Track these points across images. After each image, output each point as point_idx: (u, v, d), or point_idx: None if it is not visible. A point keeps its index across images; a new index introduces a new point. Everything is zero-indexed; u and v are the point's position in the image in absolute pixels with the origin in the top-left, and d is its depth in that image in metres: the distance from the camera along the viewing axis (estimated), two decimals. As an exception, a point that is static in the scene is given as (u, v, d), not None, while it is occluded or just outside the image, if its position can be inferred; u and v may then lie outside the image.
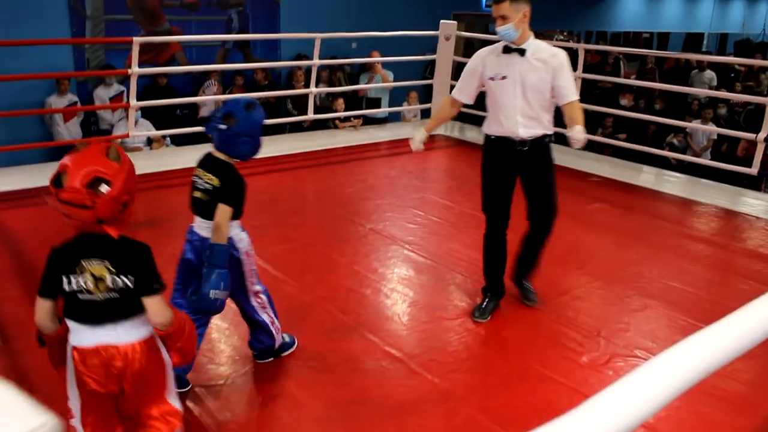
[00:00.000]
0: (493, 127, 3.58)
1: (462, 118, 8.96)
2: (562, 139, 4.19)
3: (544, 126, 3.54)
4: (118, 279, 2.01)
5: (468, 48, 12.44)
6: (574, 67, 8.07)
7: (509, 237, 3.80)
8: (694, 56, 12.03)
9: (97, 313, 2.01)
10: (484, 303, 3.81)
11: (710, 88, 11.64)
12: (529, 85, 3.44)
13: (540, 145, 3.54)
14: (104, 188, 1.94)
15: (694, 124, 8.86)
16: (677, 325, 3.76)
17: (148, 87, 8.86)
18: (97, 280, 2.00)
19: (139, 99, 6.80)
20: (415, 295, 4.04)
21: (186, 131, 7.55)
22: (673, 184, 6.76)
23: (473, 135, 7.93)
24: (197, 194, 2.86)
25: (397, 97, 9.55)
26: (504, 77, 3.47)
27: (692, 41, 19.09)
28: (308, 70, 8.27)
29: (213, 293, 2.68)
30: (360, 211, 5.47)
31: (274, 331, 3.14)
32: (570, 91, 3.47)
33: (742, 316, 1.91)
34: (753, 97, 8.27)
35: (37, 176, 5.93)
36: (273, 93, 8.96)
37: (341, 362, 3.28)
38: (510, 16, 3.40)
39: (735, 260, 4.88)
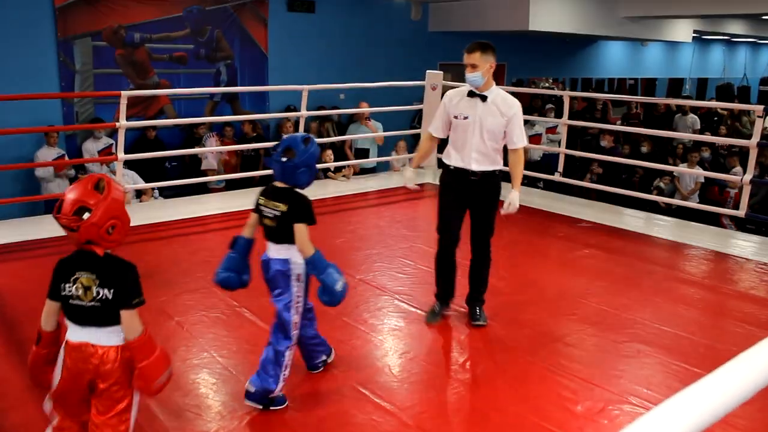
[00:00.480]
0: (452, 158, 4.08)
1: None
2: (553, 186, 4.21)
3: (495, 163, 4.06)
4: (101, 291, 2.36)
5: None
6: (560, 114, 8.21)
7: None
8: (673, 101, 12.25)
9: (83, 317, 2.37)
10: (436, 308, 4.34)
11: (694, 131, 11.79)
12: (486, 127, 3.97)
13: (489, 178, 4.06)
14: (86, 215, 2.31)
15: (681, 168, 8.95)
16: (671, 370, 3.72)
17: (138, 140, 8.90)
18: (86, 289, 2.36)
19: (128, 152, 6.81)
20: (406, 346, 3.99)
21: (174, 183, 7.55)
22: (662, 227, 6.79)
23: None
24: (267, 222, 3.19)
25: (386, 146, 9.62)
26: (466, 117, 4.01)
27: (674, 86, 19.42)
28: (297, 122, 8.33)
29: (339, 286, 3.09)
30: (350, 261, 5.44)
31: (280, 372, 3.20)
32: (519, 138, 4.03)
33: (744, 362, 1.88)
34: (736, 140, 8.36)
35: (21, 231, 5.90)
36: (260, 144, 9.01)
37: (331, 415, 3.21)
38: (479, 65, 3.98)
39: (727, 303, 4.87)
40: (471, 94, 4.05)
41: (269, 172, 8.04)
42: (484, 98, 4.01)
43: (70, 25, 8.76)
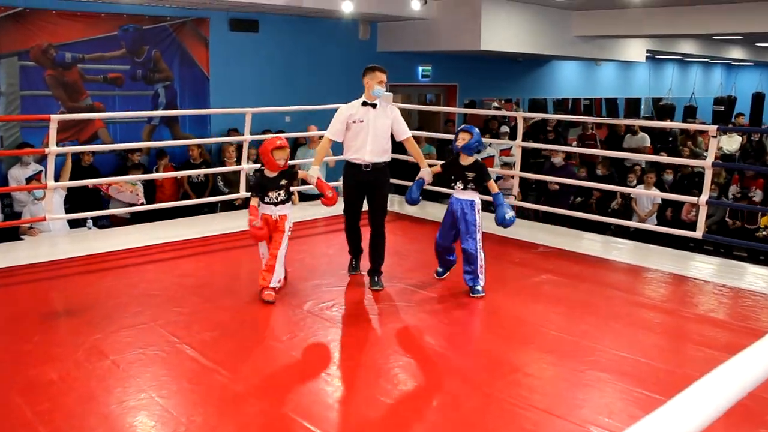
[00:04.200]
0: (350, 154, 5.54)
1: (400, 192, 9.04)
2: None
3: (383, 156, 5.53)
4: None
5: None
6: (514, 136, 8.35)
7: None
8: (625, 121, 12.58)
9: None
10: (353, 262, 5.89)
11: (643, 148, 12.07)
12: (378, 125, 5.49)
13: (379, 168, 5.53)
14: None
15: (637, 190, 9.16)
16: (632, 398, 3.77)
17: (72, 166, 8.71)
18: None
19: (59, 179, 6.67)
20: (357, 380, 3.96)
21: (109, 213, 7.42)
22: (620, 251, 6.91)
23: (414, 209, 8.00)
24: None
25: (337, 170, 9.62)
26: (362, 121, 5.49)
27: (631, 106, 19.90)
28: (240, 146, 8.29)
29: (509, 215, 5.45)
30: (297, 292, 5.40)
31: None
32: (404, 130, 5.63)
33: (705, 387, 1.92)
34: (692, 161, 8.60)
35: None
36: (202, 171, 8.95)
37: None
38: (384, 82, 5.51)
39: (687, 327, 4.96)
40: (364, 104, 5.53)
41: (220, 198, 8.06)
42: (374, 106, 5.53)
43: (-5, 44, 8.60)
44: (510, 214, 5.41)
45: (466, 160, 5.41)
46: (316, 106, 8.55)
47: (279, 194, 5.21)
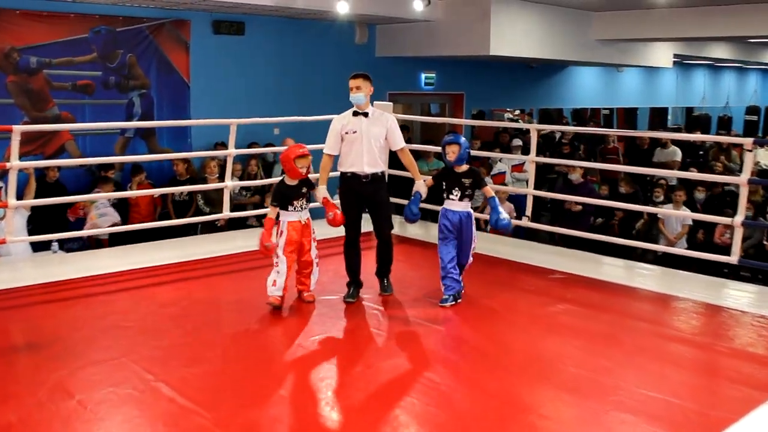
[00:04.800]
0: (347, 166, 5.87)
1: (399, 211, 9.04)
2: (521, 232, 4.27)
3: (380, 166, 5.89)
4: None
5: (402, 130, 12.65)
6: (527, 151, 8.35)
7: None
8: (652, 134, 12.61)
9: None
10: (350, 290, 5.97)
11: (673, 163, 12.09)
12: (372, 135, 5.83)
13: (378, 178, 5.89)
14: None
15: (665, 209, 9.15)
16: (661, 443, 3.74)
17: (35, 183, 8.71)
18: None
19: (22, 198, 6.67)
20: (354, 425, 3.93)
21: (77, 235, 7.41)
22: (646, 277, 6.89)
23: (417, 231, 8.00)
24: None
25: (329, 188, 9.62)
26: (355, 131, 5.82)
27: (657, 116, 19.91)
28: (224, 161, 8.31)
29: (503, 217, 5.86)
30: (288, 323, 5.38)
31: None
32: (400, 140, 5.98)
33: (743, 431, 1.90)
34: (725, 177, 8.60)
35: None
36: (180, 188, 8.94)
37: None
38: (362, 87, 5.82)
39: (722, 362, 4.93)
40: (355, 113, 5.87)
41: (200, 219, 8.07)
42: (366, 114, 5.86)
43: (-48, 48, 8.64)
44: (504, 216, 5.88)
45: (460, 168, 5.86)
46: (308, 117, 8.57)
47: (302, 202, 5.76)
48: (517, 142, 12.42)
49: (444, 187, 5.90)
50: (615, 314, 5.78)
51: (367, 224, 6.02)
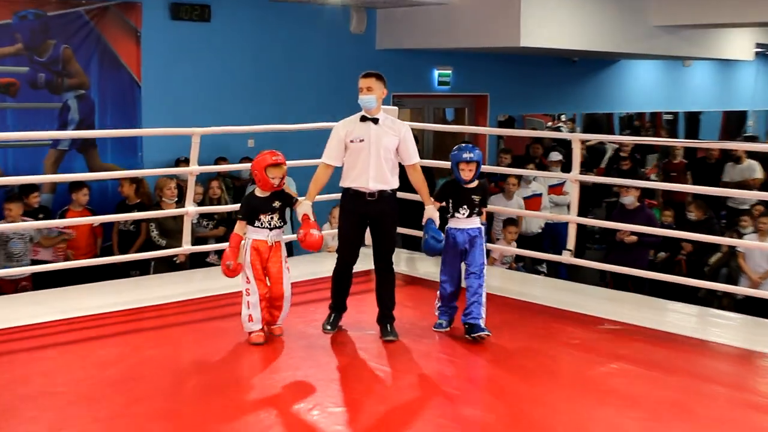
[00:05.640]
0: (350, 180, 6.12)
1: (408, 245, 9.00)
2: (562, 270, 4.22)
3: (389, 183, 6.12)
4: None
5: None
6: (568, 167, 8.31)
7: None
8: (719, 145, 12.56)
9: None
10: (332, 317, 6.31)
11: (752, 181, 12.05)
12: (383, 145, 6.07)
13: (386, 197, 6.13)
14: None
15: (747, 242, 9.08)
16: None
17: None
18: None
19: None
20: None
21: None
22: (723, 328, 6.84)
23: (427, 269, 7.96)
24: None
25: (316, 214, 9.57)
26: (362, 140, 6.05)
27: (732, 123, 19.82)
28: (186, 181, 8.27)
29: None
30: (264, 387, 5.37)
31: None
32: (414, 154, 6.28)
33: None
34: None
35: None
36: (129, 215, 8.87)
37: None
38: (374, 89, 6.09)
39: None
40: (363, 119, 6.13)
41: (153, 254, 8.05)
42: (375, 121, 6.10)
43: None
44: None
45: (469, 183, 6.24)
46: (291, 126, 8.53)
47: (272, 218, 6.04)
48: (556, 156, 12.28)
49: (450, 204, 6.27)
50: (684, 376, 5.73)
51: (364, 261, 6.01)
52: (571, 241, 7.82)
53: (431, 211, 6.21)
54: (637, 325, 6.71)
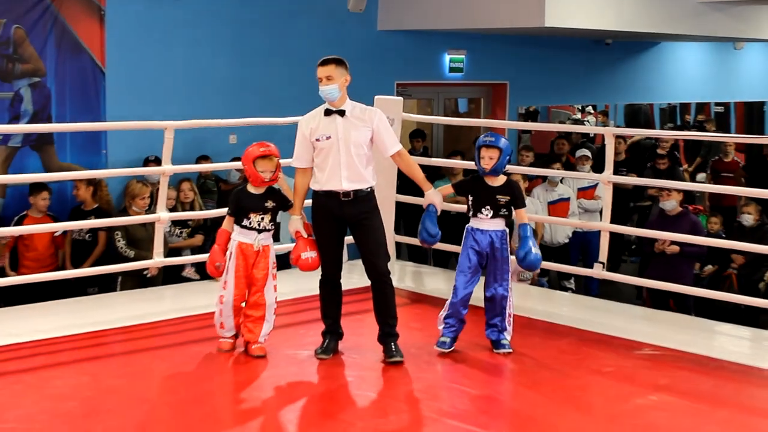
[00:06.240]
0: (321, 183, 6.20)
1: (415, 257, 8.98)
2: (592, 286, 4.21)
3: (365, 180, 6.18)
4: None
5: (415, 137, 12.52)
6: (600, 167, 8.28)
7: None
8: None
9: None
10: (325, 343, 6.33)
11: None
12: (352, 140, 6.12)
13: (363, 196, 6.19)
14: None
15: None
16: None
17: None
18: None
19: None
20: None
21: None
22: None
23: (436, 285, 7.95)
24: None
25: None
26: (328, 137, 6.13)
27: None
28: (157, 183, 8.26)
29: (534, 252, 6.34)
30: (244, 419, 5.39)
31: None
32: (392, 142, 6.31)
33: None
34: None
35: None
36: (91, 222, 8.86)
37: None
38: (334, 77, 6.11)
39: None
40: (327, 112, 6.20)
41: (119, 267, 8.04)
42: (342, 113, 6.16)
43: None
44: (536, 251, 6.37)
45: (494, 180, 6.32)
46: (280, 118, 8.52)
47: (262, 219, 6.21)
48: (584, 152, 12.15)
49: (471, 202, 6.34)
50: (734, 410, 5.71)
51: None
52: (603, 253, 7.80)
53: (431, 195, 6.30)
54: (680, 349, 6.71)
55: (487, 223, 6.32)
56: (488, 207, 6.27)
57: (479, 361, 6.23)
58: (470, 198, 6.35)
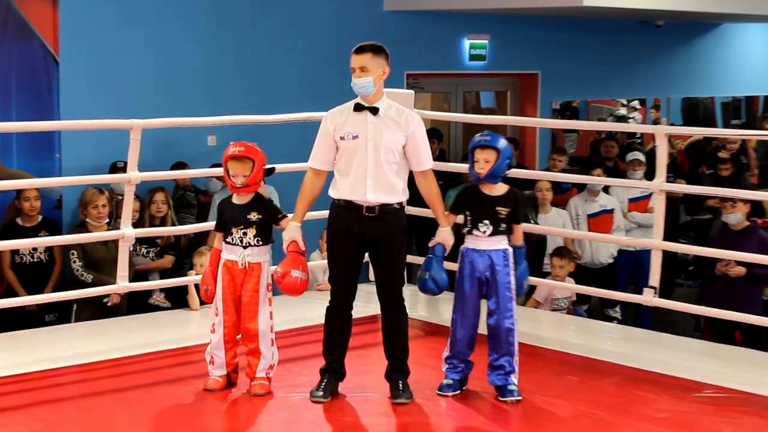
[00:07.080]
0: (341, 190, 6.11)
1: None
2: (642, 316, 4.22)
3: (394, 193, 6.10)
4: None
5: (430, 138, 12.54)
6: (651, 173, 8.25)
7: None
8: None
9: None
10: (323, 383, 6.23)
11: None
12: (383, 144, 6.01)
13: (389, 212, 6.09)
14: None
15: None
16: None
17: None
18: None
19: None
20: None
21: None
22: None
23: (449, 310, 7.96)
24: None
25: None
26: (355, 136, 6.03)
27: None
28: (119, 193, 8.26)
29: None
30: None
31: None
32: (426, 157, 6.21)
33: None
34: None
35: None
36: (42, 240, 8.88)
37: None
38: (370, 68, 6.00)
39: None
40: (358, 107, 6.10)
41: (74, 294, 8.04)
42: (375, 111, 6.06)
43: None
44: (528, 280, 6.71)
45: (493, 189, 6.26)
46: (269, 116, 8.52)
47: (245, 234, 6.22)
48: (636, 155, 12.10)
49: (467, 217, 6.25)
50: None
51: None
52: (654, 275, 7.79)
53: (444, 235, 6.27)
54: (748, 391, 6.69)
55: (484, 242, 6.22)
56: (487, 222, 6.16)
57: (501, 407, 6.22)
58: (467, 213, 6.25)
